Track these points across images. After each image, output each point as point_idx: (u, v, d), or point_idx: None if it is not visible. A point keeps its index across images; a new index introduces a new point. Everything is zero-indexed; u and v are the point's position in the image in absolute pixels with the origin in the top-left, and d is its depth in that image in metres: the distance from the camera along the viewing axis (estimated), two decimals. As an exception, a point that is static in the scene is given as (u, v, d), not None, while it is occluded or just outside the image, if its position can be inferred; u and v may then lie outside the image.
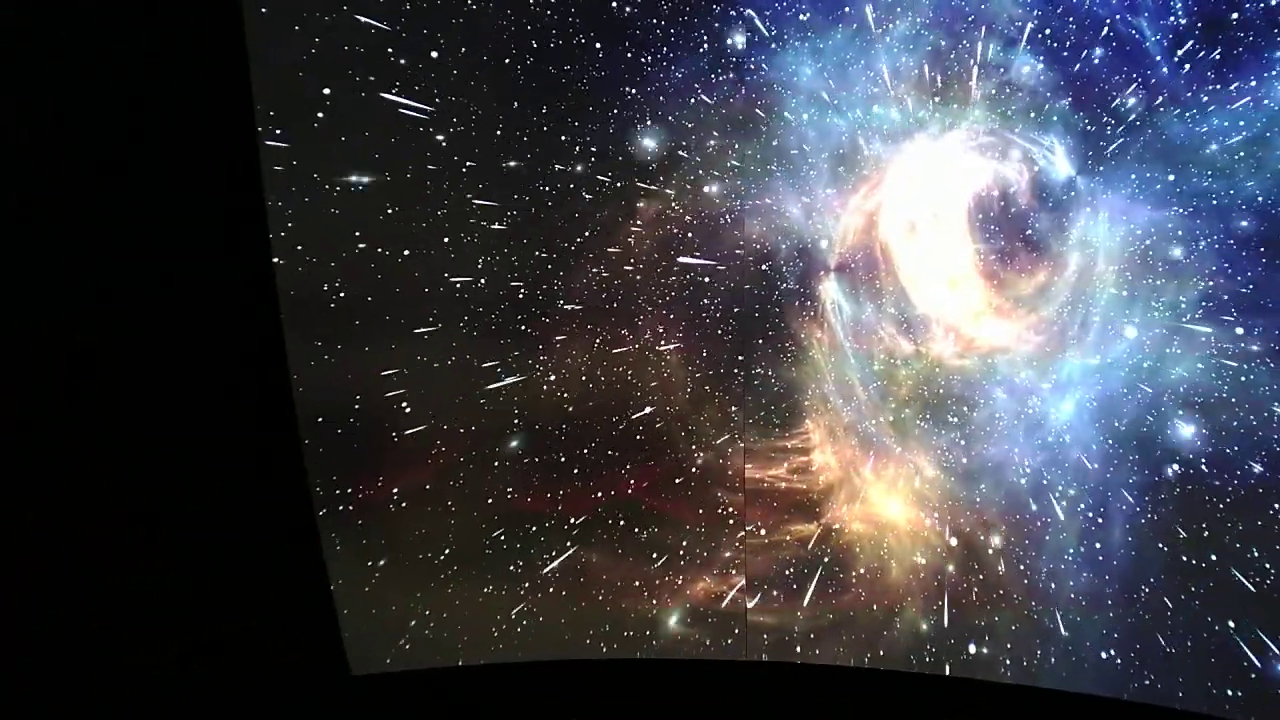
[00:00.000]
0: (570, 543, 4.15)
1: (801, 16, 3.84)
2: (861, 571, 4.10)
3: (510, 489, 4.09)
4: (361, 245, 3.76)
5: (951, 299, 3.94)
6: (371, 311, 3.85)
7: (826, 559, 4.12)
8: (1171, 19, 3.41)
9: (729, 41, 3.91)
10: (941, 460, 3.98)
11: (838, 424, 4.13)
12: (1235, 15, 3.31)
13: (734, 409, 4.14)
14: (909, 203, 3.98)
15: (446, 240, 3.87)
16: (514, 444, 4.09)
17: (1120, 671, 3.61)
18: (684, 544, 4.20)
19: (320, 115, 3.61)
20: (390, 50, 3.66)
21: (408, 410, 3.95)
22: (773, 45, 3.89)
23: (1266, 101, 3.34)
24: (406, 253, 3.83)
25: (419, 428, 3.97)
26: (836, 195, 4.01)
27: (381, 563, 3.94)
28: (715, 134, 3.98)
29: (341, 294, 3.78)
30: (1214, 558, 3.40)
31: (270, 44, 3.49)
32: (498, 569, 4.10)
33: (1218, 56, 3.38)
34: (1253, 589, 3.33)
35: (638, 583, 4.18)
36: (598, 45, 3.87)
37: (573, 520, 4.15)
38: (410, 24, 3.65)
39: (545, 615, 4.11)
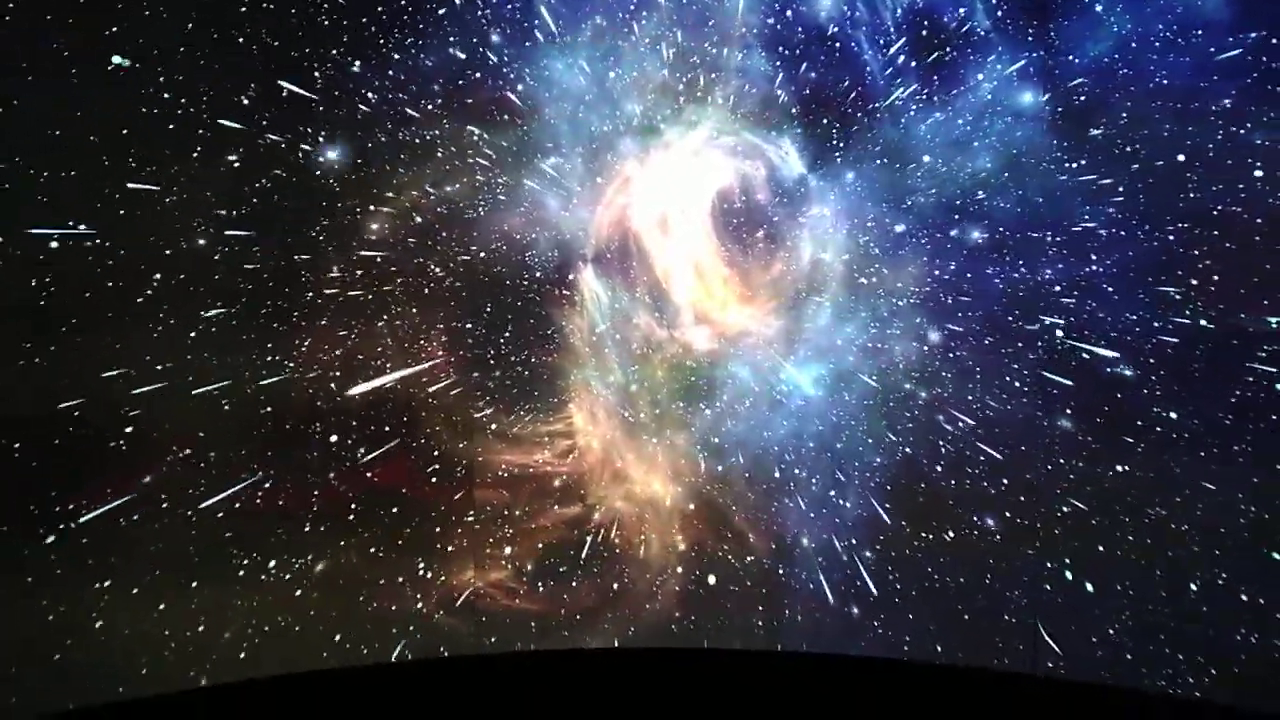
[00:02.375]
0: (325, 543, 3.96)
1: (552, 17, 3.89)
2: (625, 548, 4.21)
3: (259, 492, 3.84)
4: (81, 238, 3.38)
5: (700, 288, 4.15)
6: (85, 310, 3.47)
7: (591, 539, 4.19)
8: (888, 34, 3.79)
9: (484, 38, 3.88)
10: (695, 437, 4.17)
11: (599, 408, 4.22)
12: (940, 34, 3.73)
13: (494, 397, 4.11)
14: (658, 198, 4.15)
15: (181, 235, 3.56)
16: (262, 445, 3.84)
17: (859, 622, 3.95)
18: (445, 536, 4.13)
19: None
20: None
21: (133, 414, 3.60)
22: (526, 43, 3.92)
23: (968, 112, 3.78)
24: (122, 250, 3.49)
25: (148, 432, 3.64)
26: (591, 190, 4.11)
27: (108, 584, 3.57)
28: (469, 128, 3.95)
29: (52, 290, 3.37)
30: (934, 523, 3.81)
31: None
32: (247, 578, 3.84)
33: (927, 70, 3.79)
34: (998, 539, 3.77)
35: (400, 579, 4.07)
36: (345, 36, 3.72)
37: (327, 520, 3.96)
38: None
39: (301, 622, 3.91)
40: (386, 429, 4.04)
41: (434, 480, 4.10)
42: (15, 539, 3.36)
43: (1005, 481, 3.71)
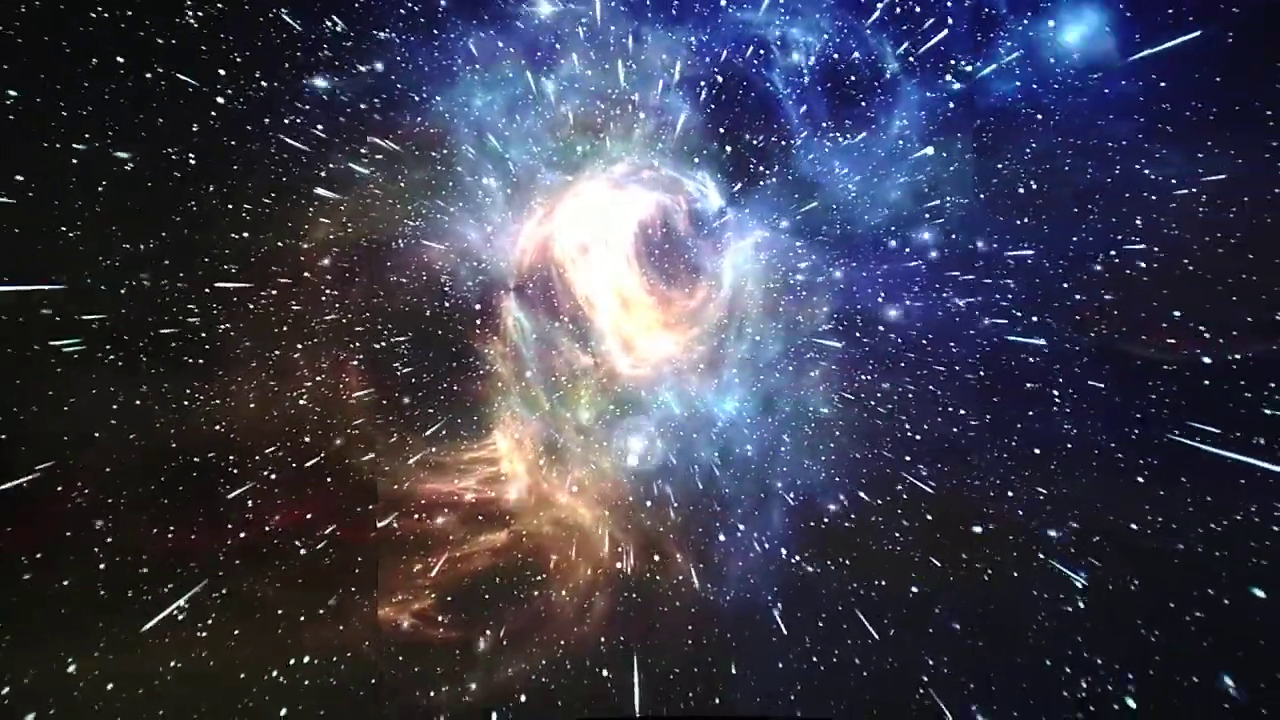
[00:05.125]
0: (243, 576, 3.86)
1: (471, 50, 3.92)
2: (552, 572, 4.22)
3: (155, 529, 3.69)
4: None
5: (623, 316, 4.23)
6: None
7: (517, 564, 4.19)
8: (799, 76, 3.94)
9: (401, 70, 3.88)
10: (620, 462, 4.21)
11: (524, 434, 4.22)
12: (851, 75, 3.90)
13: (416, 426, 4.08)
14: (580, 229, 4.22)
15: (84, 265, 3.43)
16: (164, 481, 3.72)
17: (787, 638, 4.05)
18: (367, 566, 4.07)
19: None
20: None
21: (23, 450, 3.45)
22: (446, 79, 3.94)
23: (876, 149, 3.94)
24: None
25: (42, 471, 3.48)
26: (512, 221, 4.15)
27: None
28: (391, 162, 3.96)
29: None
30: (859, 539, 3.96)
31: None
32: (138, 621, 3.66)
33: (837, 108, 3.94)
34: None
35: (321, 611, 3.98)
36: (257, 72, 3.68)
37: (236, 558, 3.85)
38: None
39: (218, 655, 3.78)
40: (306, 461, 3.97)
41: (356, 510, 4.04)
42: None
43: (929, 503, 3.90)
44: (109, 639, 3.54)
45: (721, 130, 4.04)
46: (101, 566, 3.57)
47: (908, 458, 3.89)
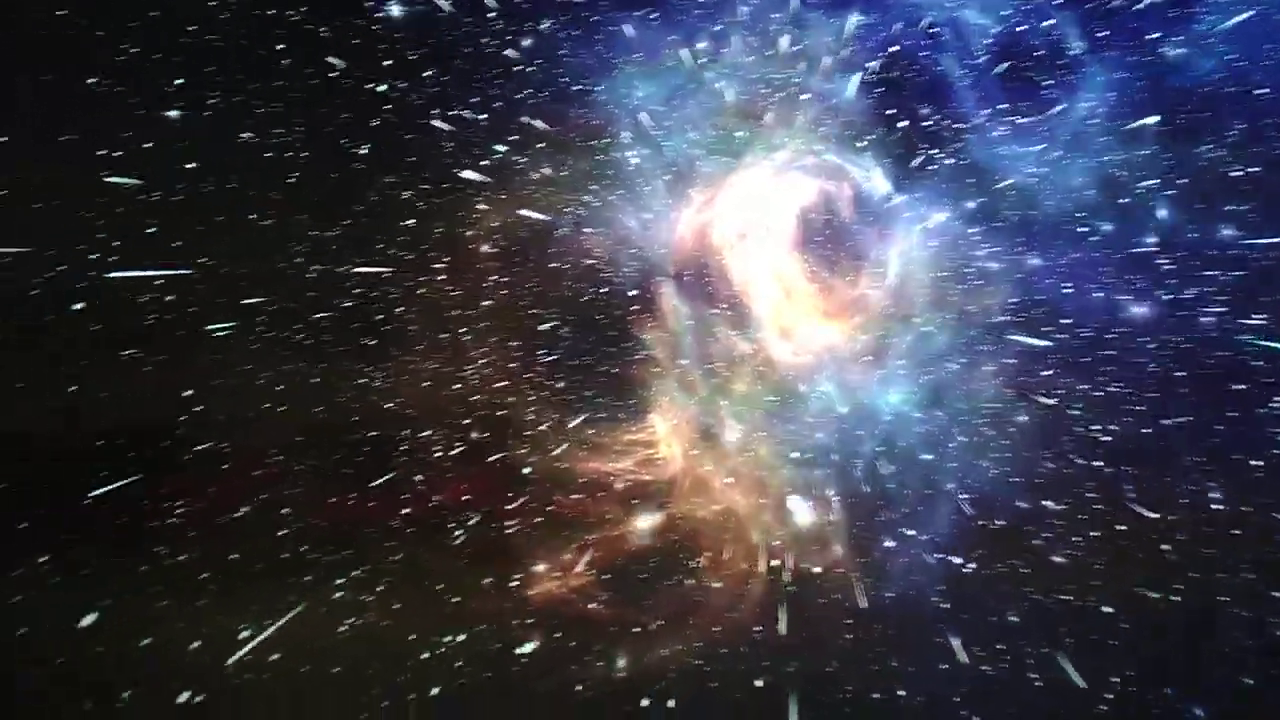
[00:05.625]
0: (400, 552, 4.04)
1: (633, 41, 3.91)
2: (706, 556, 4.22)
3: (348, 500, 3.94)
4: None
5: (784, 303, 4.15)
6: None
7: (672, 546, 4.21)
8: (974, 55, 3.72)
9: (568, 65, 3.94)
10: (779, 450, 4.16)
11: (681, 418, 4.23)
12: (1029, 54, 3.66)
13: (575, 408, 4.16)
14: (740, 216, 4.15)
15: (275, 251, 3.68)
16: (351, 457, 3.93)
17: (951, 640, 3.93)
18: (529, 547, 4.17)
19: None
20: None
21: (221, 420, 3.73)
22: (607, 69, 3.93)
23: (1060, 131, 3.68)
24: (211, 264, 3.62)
25: (225, 443, 3.76)
26: (672, 208, 4.12)
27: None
28: (553, 152, 4.01)
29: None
30: (1033, 544, 3.77)
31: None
32: (318, 590, 3.89)
33: (1016, 88, 3.71)
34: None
35: (479, 587, 4.10)
36: (427, 67, 3.87)
37: (404, 531, 4.03)
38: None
39: (378, 630, 3.99)
40: (470, 440, 4.11)
41: (514, 489, 4.15)
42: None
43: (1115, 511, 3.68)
44: (292, 599, 3.86)
45: (890, 113, 3.89)
46: (283, 532, 3.82)
47: (1095, 462, 3.69)
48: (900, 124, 3.90)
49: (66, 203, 3.54)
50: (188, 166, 3.68)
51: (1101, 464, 3.75)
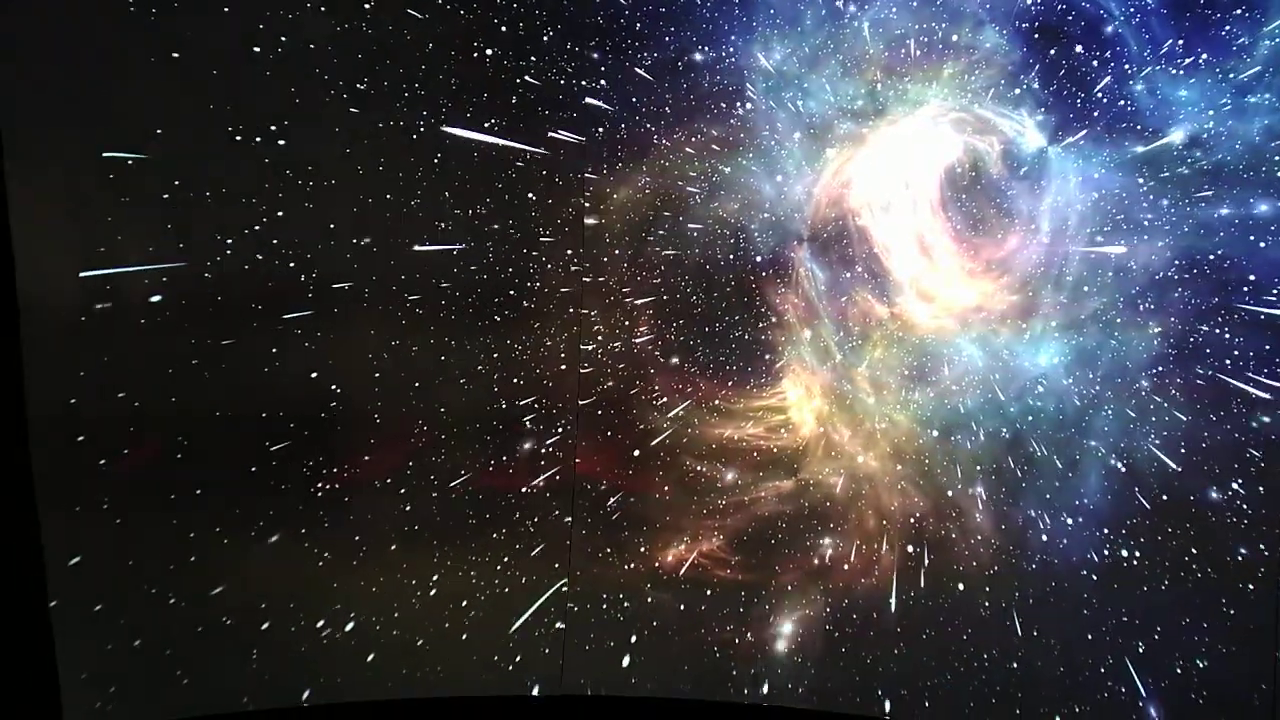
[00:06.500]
0: (541, 520, 4.14)
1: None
2: (838, 523, 4.19)
3: (487, 471, 4.08)
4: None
5: (924, 264, 4.01)
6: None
7: (803, 512, 4.19)
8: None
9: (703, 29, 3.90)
10: (917, 414, 4.08)
11: (814, 383, 4.18)
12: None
13: (707, 373, 4.17)
14: (881, 175, 4.02)
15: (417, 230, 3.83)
16: (485, 429, 4.06)
17: (1099, 607, 3.80)
18: (659, 513, 4.21)
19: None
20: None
21: (379, 390, 3.89)
22: (743, 32, 3.87)
23: (1233, 75, 3.43)
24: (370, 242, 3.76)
25: (394, 410, 3.93)
26: (808, 171, 4.04)
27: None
28: (685, 116, 4.00)
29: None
30: (1193, 525, 3.59)
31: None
32: (460, 557, 4.06)
33: (1183, 33, 3.45)
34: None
35: (610, 552, 4.17)
36: (568, 43, 3.92)
37: (548, 495, 4.12)
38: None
39: (513, 598, 4.10)
40: (603, 409, 4.18)
41: (645, 455, 4.20)
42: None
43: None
44: (437, 558, 4.03)
45: (1046, 61, 3.68)
46: (434, 495, 3.98)
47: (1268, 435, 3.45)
48: (1055, 74, 3.68)
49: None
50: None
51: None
